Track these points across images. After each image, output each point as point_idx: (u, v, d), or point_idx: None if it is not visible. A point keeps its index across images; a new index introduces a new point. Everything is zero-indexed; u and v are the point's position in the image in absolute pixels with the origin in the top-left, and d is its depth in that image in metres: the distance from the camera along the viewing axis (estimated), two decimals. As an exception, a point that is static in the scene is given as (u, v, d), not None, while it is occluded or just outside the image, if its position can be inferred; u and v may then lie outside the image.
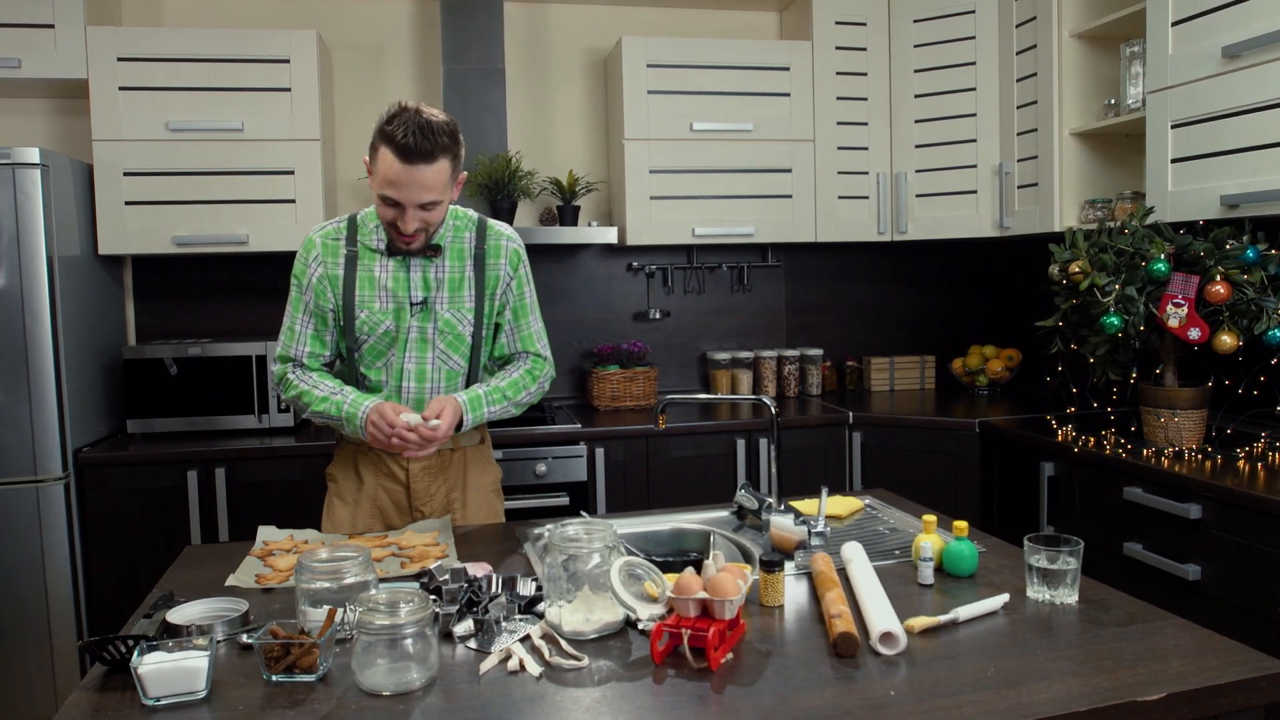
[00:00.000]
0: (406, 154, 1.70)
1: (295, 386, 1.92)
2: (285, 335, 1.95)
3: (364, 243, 1.91)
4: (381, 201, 1.78)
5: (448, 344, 1.95)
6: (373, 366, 1.95)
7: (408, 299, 1.91)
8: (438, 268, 1.92)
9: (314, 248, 1.92)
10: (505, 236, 1.99)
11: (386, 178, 1.73)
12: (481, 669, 1.24)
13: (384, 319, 1.91)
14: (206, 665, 1.17)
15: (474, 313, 1.95)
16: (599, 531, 1.39)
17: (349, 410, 1.84)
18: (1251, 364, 2.53)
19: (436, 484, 2.02)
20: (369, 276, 1.90)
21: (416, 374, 1.94)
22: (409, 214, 1.77)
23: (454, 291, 1.93)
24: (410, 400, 1.95)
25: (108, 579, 2.78)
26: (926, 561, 1.54)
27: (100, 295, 3.06)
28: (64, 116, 3.24)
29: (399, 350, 1.93)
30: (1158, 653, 1.26)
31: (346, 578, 1.36)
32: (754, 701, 1.15)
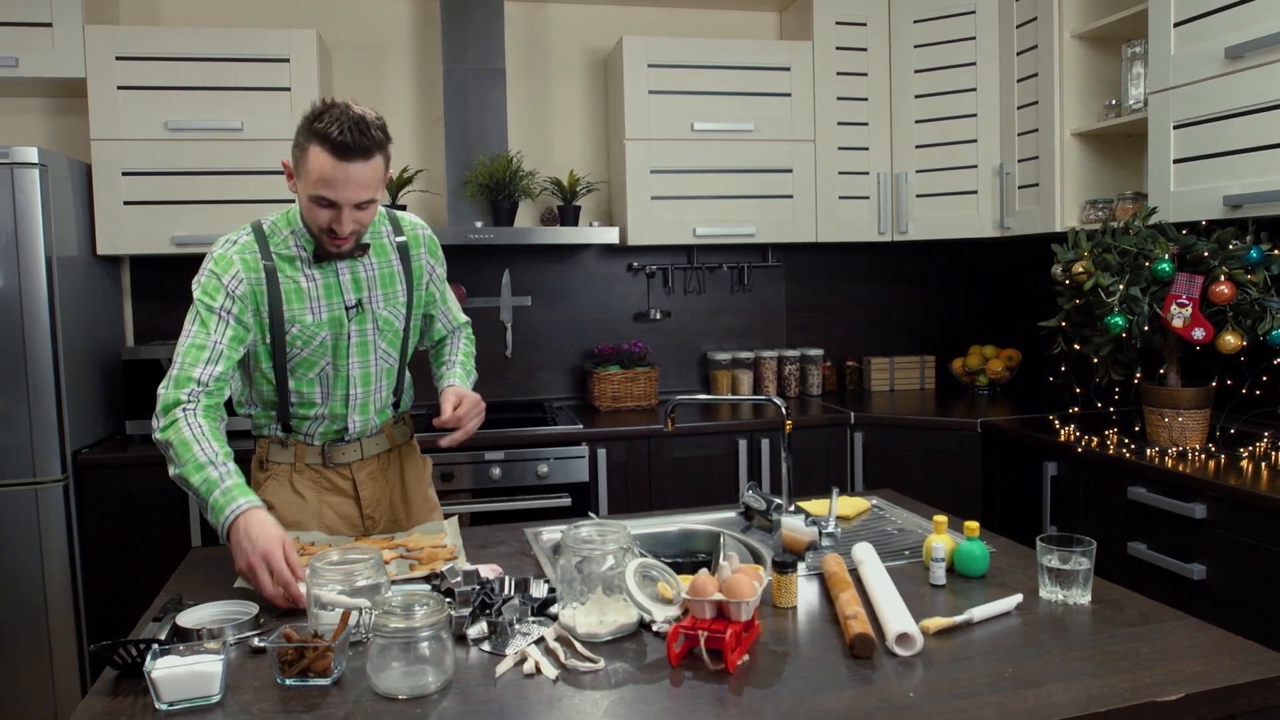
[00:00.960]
0: (343, 151, 1.60)
1: (178, 430, 1.62)
2: (189, 357, 1.68)
3: (279, 253, 1.77)
4: (313, 204, 1.66)
5: (388, 342, 1.90)
6: (304, 379, 1.83)
7: (341, 304, 1.81)
8: (365, 266, 1.84)
9: (230, 266, 1.73)
10: (419, 225, 1.95)
11: (321, 177, 1.62)
12: (497, 672, 1.24)
13: (318, 330, 1.80)
14: (221, 669, 1.16)
15: (406, 306, 1.91)
16: (613, 533, 1.38)
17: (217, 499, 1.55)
18: (1254, 364, 2.54)
19: (381, 487, 1.97)
20: (294, 289, 1.77)
21: (361, 379, 1.87)
22: (345, 215, 1.66)
23: (386, 288, 1.87)
24: (356, 405, 1.88)
25: (107, 582, 2.76)
26: (939, 562, 1.54)
27: (98, 296, 3.04)
28: (62, 116, 3.21)
29: (340, 358, 1.84)
30: (1173, 653, 1.26)
31: (359, 580, 1.35)
32: (773, 703, 1.14)
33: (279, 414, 1.87)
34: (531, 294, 3.58)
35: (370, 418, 1.92)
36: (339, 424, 1.89)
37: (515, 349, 3.57)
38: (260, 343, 1.79)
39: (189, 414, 1.64)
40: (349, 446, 1.92)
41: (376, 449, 1.96)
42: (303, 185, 1.67)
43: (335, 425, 1.89)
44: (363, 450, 1.93)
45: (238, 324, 1.73)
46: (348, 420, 1.89)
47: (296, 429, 1.89)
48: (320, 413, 1.87)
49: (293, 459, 1.90)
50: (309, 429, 1.89)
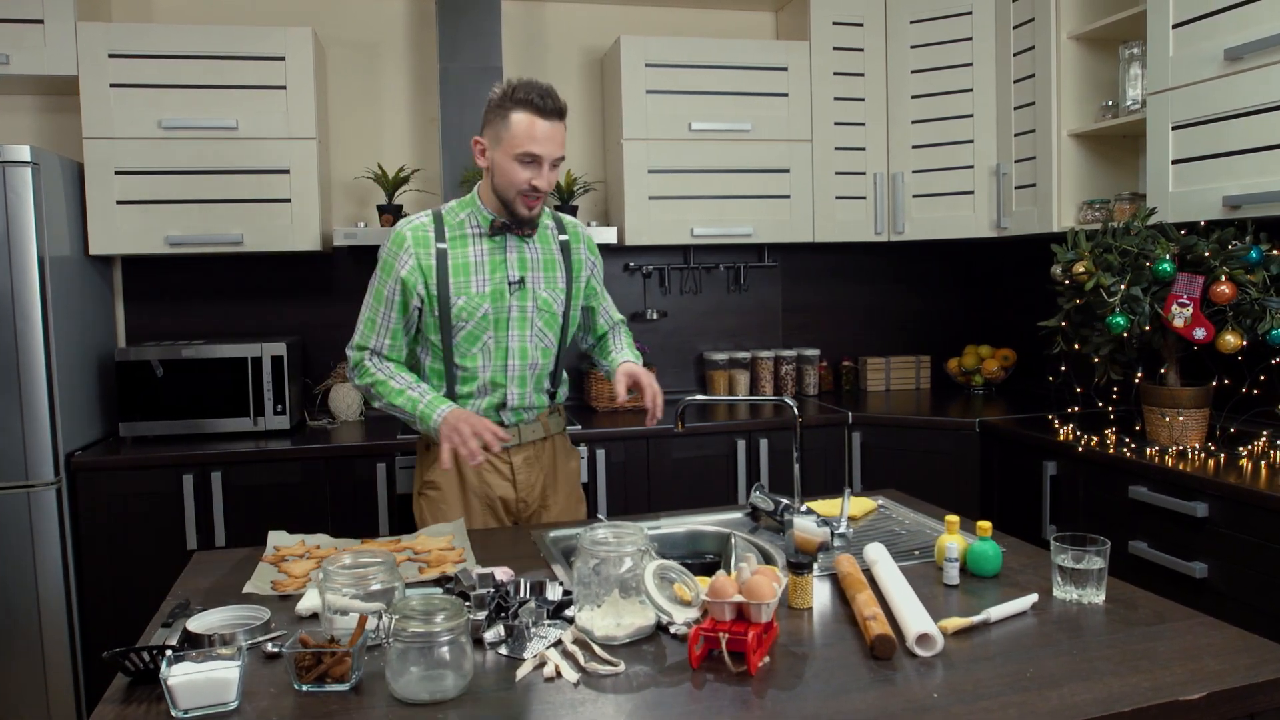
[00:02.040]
0: (545, 111, 1.86)
1: (371, 374, 2.00)
2: (365, 326, 2.02)
3: (455, 233, 1.99)
4: (518, 164, 1.88)
5: (545, 322, 2.05)
6: (468, 353, 2.00)
7: (506, 278, 1.99)
8: (531, 249, 2.03)
9: (405, 240, 1.97)
10: (579, 224, 2.16)
11: (529, 135, 1.86)
12: (517, 675, 1.22)
13: (482, 302, 1.98)
14: (238, 676, 1.14)
15: (565, 293, 2.07)
16: (629, 535, 1.37)
17: (424, 410, 1.93)
18: (1252, 363, 2.56)
19: (535, 473, 2.10)
20: (463, 263, 1.97)
21: (520, 351, 2.02)
22: (545, 169, 1.89)
23: (548, 272, 2.05)
24: (515, 377, 2.03)
25: (101, 586, 2.73)
26: (952, 562, 1.54)
27: (90, 296, 3.00)
28: (54, 114, 3.17)
29: (501, 330, 2.00)
30: (1192, 652, 1.27)
31: (373, 584, 1.34)
32: (798, 705, 1.14)
33: (445, 391, 2.03)
34: (528, 294, 3.56)
35: (527, 392, 2.05)
36: (499, 395, 2.03)
37: (512, 349, 3.55)
38: (429, 314, 1.99)
39: (376, 360, 2.02)
40: (508, 431, 2.03)
41: (533, 435, 2.09)
42: (503, 150, 1.89)
43: (495, 398, 2.03)
44: (520, 435, 2.07)
45: (403, 299, 1.97)
46: (507, 392, 2.03)
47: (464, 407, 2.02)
48: (483, 382, 2.01)
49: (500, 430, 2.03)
50: (472, 407, 2.03)
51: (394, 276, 1.96)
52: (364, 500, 2.87)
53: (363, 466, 2.86)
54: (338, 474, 2.85)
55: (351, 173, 3.41)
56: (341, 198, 3.43)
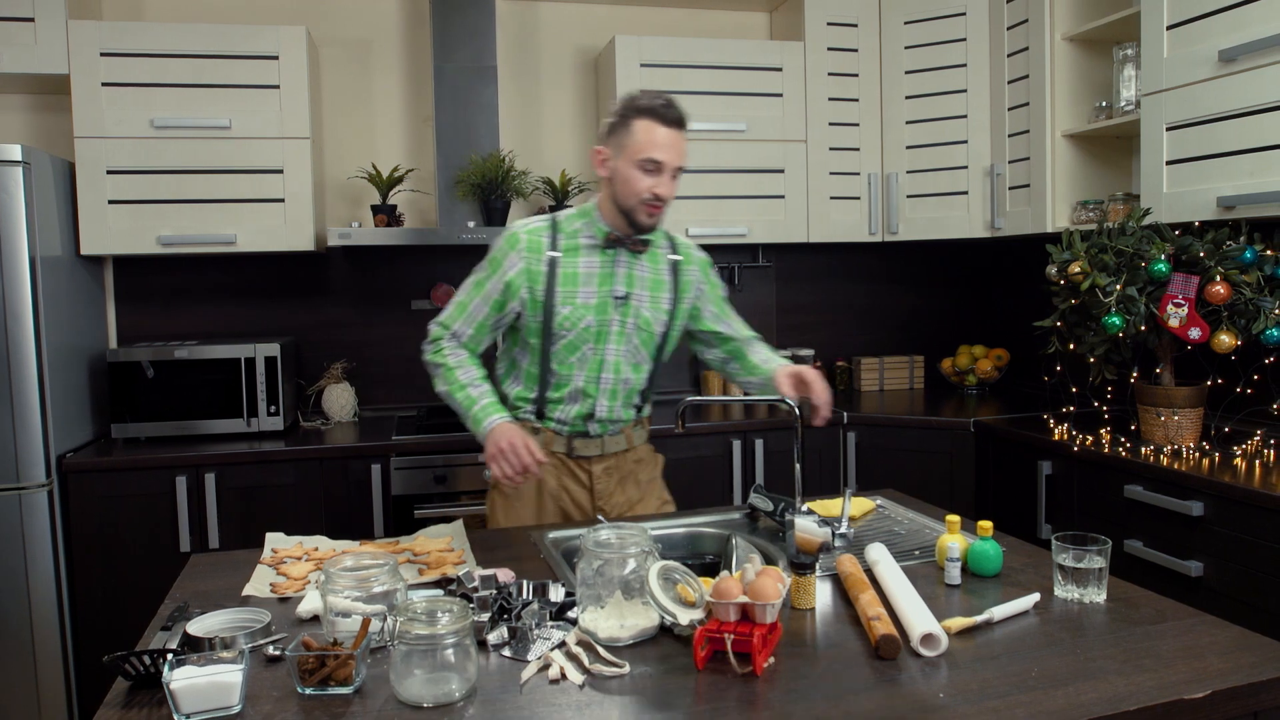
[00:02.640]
0: (667, 119, 1.88)
1: (444, 356, 2.02)
2: (455, 309, 2.02)
3: (567, 242, 1.98)
4: (640, 171, 1.87)
5: (641, 340, 2.04)
6: (565, 361, 2.00)
7: (611, 292, 1.99)
8: (641, 266, 2.02)
9: (519, 242, 1.97)
10: (694, 247, 2.14)
11: (652, 142, 1.86)
12: (522, 677, 1.22)
13: (586, 314, 1.98)
14: (241, 679, 1.13)
15: (668, 314, 2.06)
16: (633, 537, 1.37)
17: (477, 413, 1.95)
18: (1247, 362, 2.58)
19: (614, 482, 2.10)
20: (573, 273, 1.97)
21: (614, 365, 2.02)
22: (667, 177, 1.89)
23: (654, 291, 2.04)
24: (606, 390, 2.03)
25: (94, 589, 2.70)
26: (954, 562, 1.54)
27: (81, 297, 2.98)
28: (44, 113, 3.14)
29: (600, 342, 2.00)
30: (1195, 650, 1.27)
31: (375, 586, 1.33)
32: (805, 706, 1.13)
33: (537, 394, 2.03)
34: (522, 294, 3.55)
35: (616, 405, 2.05)
36: (589, 405, 2.03)
37: (506, 350, 3.54)
38: (531, 319, 1.98)
39: (453, 344, 2.02)
40: (592, 442, 2.06)
41: (616, 447, 2.09)
42: (626, 158, 1.89)
43: (584, 408, 2.03)
44: (604, 447, 2.07)
45: (501, 299, 1.98)
46: (596, 403, 2.03)
47: (549, 414, 2.04)
48: (574, 389, 2.01)
49: (540, 444, 2.01)
50: (560, 413, 2.03)
51: (500, 276, 1.97)
52: (359, 501, 2.85)
53: (357, 468, 2.84)
54: (332, 475, 2.84)
55: (344, 173, 3.39)
56: (334, 198, 3.41)
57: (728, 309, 2.19)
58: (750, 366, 2.15)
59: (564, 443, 2.05)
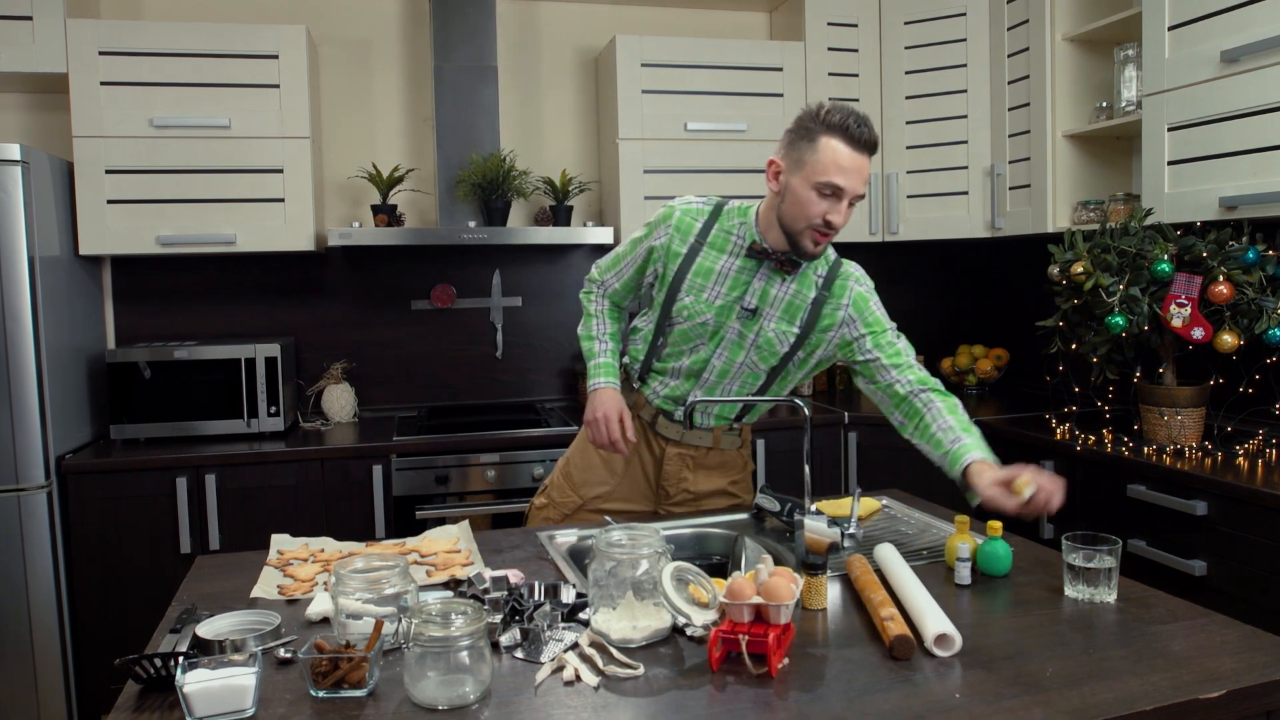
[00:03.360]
0: (860, 143, 1.70)
1: (590, 300, 2.08)
2: (610, 260, 2.05)
3: (720, 231, 1.89)
4: (815, 194, 1.72)
5: (760, 356, 1.91)
6: (677, 346, 1.95)
7: (740, 301, 1.87)
8: (781, 286, 1.86)
9: (670, 217, 1.92)
10: (854, 278, 1.91)
11: (836, 164, 1.70)
12: (536, 680, 1.21)
13: (706, 311, 1.88)
14: (254, 682, 1.12)
15: (796, 337, 1.88)
16: (645, 537, 1.36)
17: (591, 368, 2.00)
18: (1248, 362, 2.58)
19: (685, 470, 2.04)
20: (709, 267, 1.88)
21: (721, 371, 1.94)
22: (845, 204, 1.74)
23: (785, 313, 1.87)
24: (706, 385, 1.95)
25: (93, 591, 2.69)
26: (964, 562, 1.54)
27: (79, 297, 2.96)
28: (43, 112, 3.12)
29: (713, 343, 1.91)
30: (1207, 650, 1.27)
31: (386, 588, 1.32)
32: (821, 707, 1.13)
33: (644, 359, 2.01)
34: (522, 295, 3.55)
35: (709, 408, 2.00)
36: (681, 391, 1.98)
37: (506, 350, 3.54)
38: (658, 293, 1.95)
39: (599, 291, 2.07)
40: (674, 425, 2.01)
41: (697, 441, 2.03)
42: (803, 176, 1.73)
43: (678, 391, 1.98)
44: (683, 435, 2.02)
45: (646, 260, 1.97)
46: (690, 391, 1.97)
47: (649, 381, 2.02)
48: (676, 368, 1.97)
49: (633, 404, 2.03)
50: (657, 384, 2.01)
51: (647, 241, 1.96)
52: (359, 502, 2.84)
53: (358, 468, 2.83)
54: (333, 476, 2.83)
55: (343, 172, 3.38)
56: (333, 197, 3.40)
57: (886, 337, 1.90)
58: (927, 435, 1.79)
59: (651, 412, 2.03)
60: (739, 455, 2.12)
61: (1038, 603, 1.46)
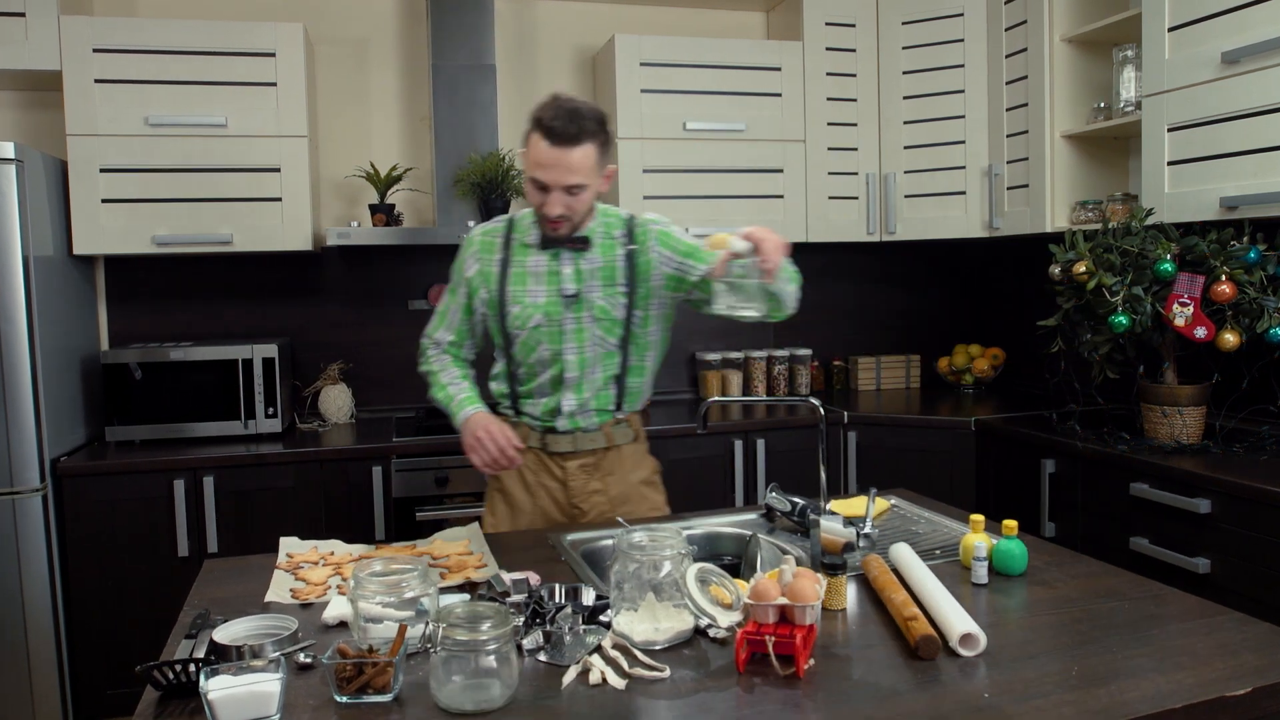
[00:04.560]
0: (553, 136, 1.77)
1: (428, 364, 2.09)
2: (436, 318, 2.09)
3: (520, 240, 1.98)
4: (531, 186, 1.84)
5: (603, 329, 1.97)
6: (527, 360, 1.99)
7: (559, 292, 1.94)
8: (589, 260, 1.95)
9: (473, 245, 2.02)
10: (651, 221, 2.01)
11: (536, 160, 1.80)
12: (563, 683, 1.20)
13: (534, 313, 1.95)
14: (279, 689, 1.11)
15: (627, 296, 1.96)
16: (668, 538, 1.35)
17: (454, 408, 2.01)
18: (1249, 361, 2.60)
19: (593, 480, 2.04)
20: (521, 272, 1.96)
21: (578, 363, 1.97)
22: (554, 196, 1.82)
23: (606, 280, 1.95)
24: (571, 385, 1.98)
25: (89, 595, 2.65)
26: (981, 561, 1.54)
27: (73, 297, 2.92)
28: (36, 110, 3.08)
29: (556, 342, 1.96)
30: (1229, 647, 1.28)
31: (406, 591, 1.30)
32: (852, 708, 1.13)
33: (510, 389, 2.05)
34: (520, 295, 3.53)
35: (586, 399, 2.00)
36: (554, 402, 1.99)
37: (504, 350, 3.52)
38: (492, 318, 2.00)
39: (436, 351, 2.09)
40: (563, 438, 2.02)
41: (591, 444, 2.03)
42: (525, 169, 1.85)
43: (552, 403, 2.00)
44: (576, 444, 2.02)
45: (468, 300, 2.02)
46: (562, 399, 1.99)
47: (522, 408, 2.05)
48: (540, 384, 1.99)
49: (519, 439, 2.01)
50: (530, 408, 2.03)
51: (460, 278, 2.02)
52: (359, 504, 2.82)
53: (357, 470, 2.81)
54: (332, 478, 2.80)
55: (340, 172, 3.35)
56: (330, 197, 3.37)
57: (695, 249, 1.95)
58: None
59: (538, 438, 2.03)
60: (637, 450, 2.11)
61: (1056, 602, 1.46)
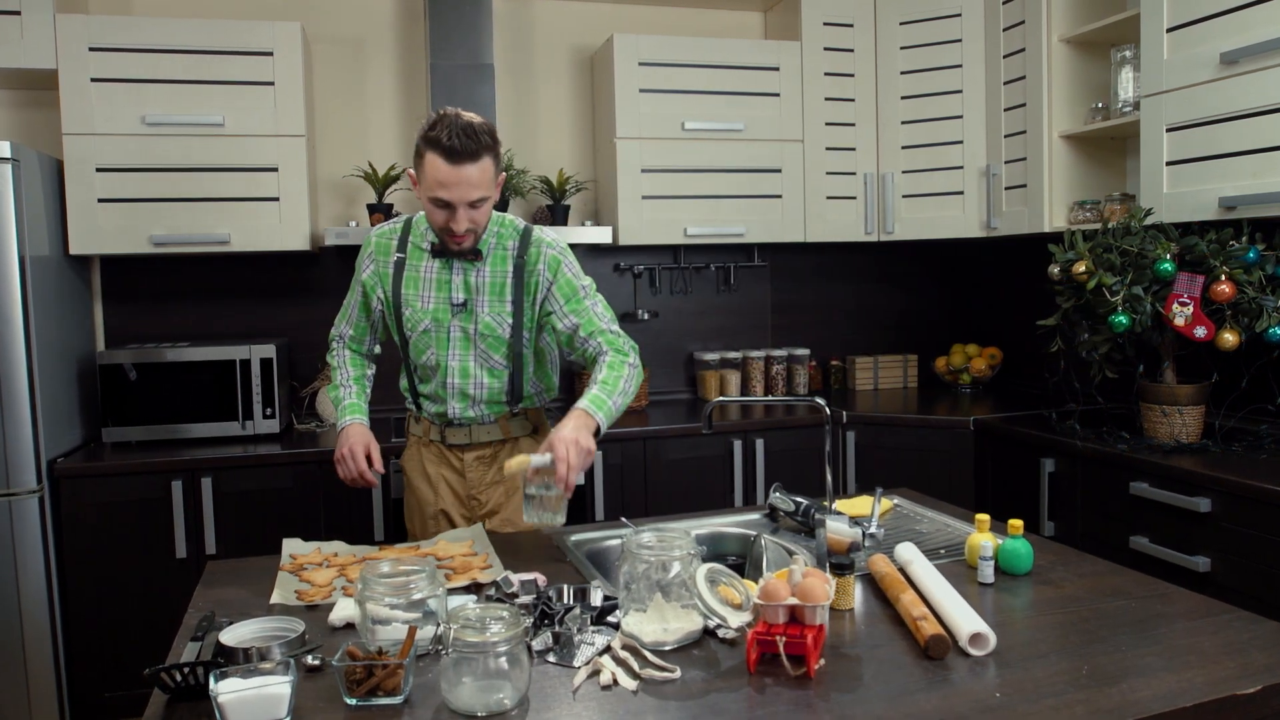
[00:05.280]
0: (453, 155, 1.77)
1: (332, 358, 2.15)
2: (341, 313, 2.13)
3: (415, 243, 1.99)
4: (432, 205, 1.84)
5: (489, 345, 1.99)
6: (420, 362, 2.03)
7: (449, 300, 1.97)
8: (479, 272, 1.97)
9: (369, 246, 2.03)
10: (545, 243, 1.98)
11: (436, 180, 1.79)
12: (574, 684, 1.20)
13: (424, 317, 1.98)
14: (289, 691, 1.10)
15: (513, 315, 1.98)
16: (676, 539, 1.35)
17: (338, 413, 2.07)
18: (1247, 360, 2.61)
19: (490, 472, 2.07)
20: (414, 276, 1.98)
21: (460, 370, 2.00)
22: (460, 213, 1.82)
23: (494, 295, 1.97)
24: (455, 392, 2.01)
25: (86, 597, 2.63)
26: (988, 560, 1.55)
27: (69, 298, 2.90)
28: (31, 109, 3.06)
29: (442, 348, 1.99)
30: (1237, 646, 1.28)
31: (415, 593, 1.30)
32: (865, 708, 1.13)
33: (410, 387, 2.09)
34: (518, 295, 3.52)
35: (470, 407, 2.03)
36: (441, 405, 2.03)
37: (502, 350, 3.51)
38: (389, 317, 2.03)
39: (339, 345, 2.14)
40: (459, 430, 2.05)
41: (488, 437, 2.06)
42: (422, 190, 1.84)
43: (440, 407, 2.04)
44: (471, 436, 2.05)
45: (364, 298, 2.05)
46: (447, 405, 2.02)
47: (422, 406, 2.09)
48: (431, 390, 2.04)
49: (421, 433, 2.12)
50: (428, 407, 2.07)
51: (357, 279, 2.05)
52: (358, 505, 2.81)
53: (357, 471, 2.79)
54: (331, 478, 2.78)
55: (338, 171, 3.34)
56: (328, 196, 3.35)
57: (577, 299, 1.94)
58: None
59: (438, 431, 2.08)
60: (536, 443, 2.06)
61: (1063, 601, 1.47)
